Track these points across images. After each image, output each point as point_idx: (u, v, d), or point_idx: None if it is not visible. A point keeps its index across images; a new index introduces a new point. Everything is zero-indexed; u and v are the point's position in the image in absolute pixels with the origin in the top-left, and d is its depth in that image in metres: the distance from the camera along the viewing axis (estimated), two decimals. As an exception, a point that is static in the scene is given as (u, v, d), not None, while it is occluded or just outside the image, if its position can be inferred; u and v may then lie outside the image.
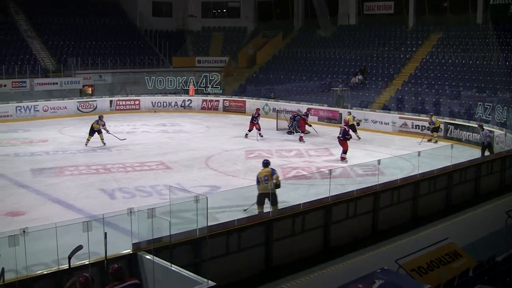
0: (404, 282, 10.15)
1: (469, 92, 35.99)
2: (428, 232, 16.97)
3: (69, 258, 10.62)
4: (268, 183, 16.59)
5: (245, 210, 17.22)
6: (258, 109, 34.00)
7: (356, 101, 39.93)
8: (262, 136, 32.46)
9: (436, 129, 31.90)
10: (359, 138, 32.42)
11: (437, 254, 12.23)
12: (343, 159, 26.88)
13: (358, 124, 33.50)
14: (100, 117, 30.48)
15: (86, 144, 29.80)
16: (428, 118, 32.31)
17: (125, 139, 30.43)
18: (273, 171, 16.95)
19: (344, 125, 28.84)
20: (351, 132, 29.23)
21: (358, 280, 9.75)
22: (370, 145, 30.79)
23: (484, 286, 8.42)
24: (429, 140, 31.70)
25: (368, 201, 16.90)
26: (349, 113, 33.96)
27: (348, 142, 27.20)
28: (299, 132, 33.41)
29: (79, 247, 10.51)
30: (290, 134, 34.17)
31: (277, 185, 16.54)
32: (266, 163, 17.39)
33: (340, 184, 18.78)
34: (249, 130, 32.94)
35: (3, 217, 17.96)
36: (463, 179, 20.64)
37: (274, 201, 16.28)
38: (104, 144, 29.88)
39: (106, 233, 10.77)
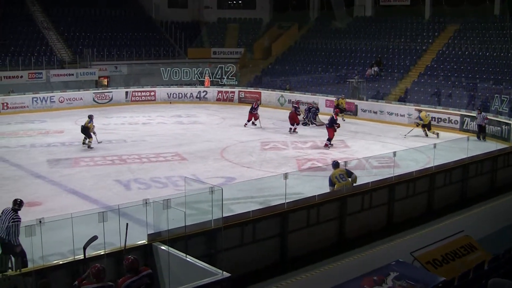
0: (419, 274, 10.13)
1: (486, 84, 35.76)
2: (444, 225, 16.92)
3: (84, 248, 10.68)
4: (345, 181, 16.38)
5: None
6: (257, 100, 34.62)
7: (372, 93, 39.79)
8: (255, 125, 33.45)
9: (427, 126, 30.90)
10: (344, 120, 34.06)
11: (452, 246, 12.19)
12: (326, 145, 27.59)
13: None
14: (91, 117, 28.25)
15: (89, 147, 27.39)
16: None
17: (101, 142, 28.45)
18: (348, 172, 16.73)
19: (335, 111, 30.76)
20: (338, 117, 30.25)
21: (372, 272, 9.75)
22: (386, 137, 30.68)
23: (499, 279, 8.36)
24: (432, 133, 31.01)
25: (383, 193, 16.86)
26: (343, 97, 35.76)
27: (338, 130, 28.50)
28: (315, 123, 33.39)
29: (94, 238, 10.57)
30: (305, 125, 34.10)
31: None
32: (335, 164, 17.14)
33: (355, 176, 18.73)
34: (248, 120, 33.48)
35: (20, 208, 18.07)
36: (479, 171, 20.53)
37: None
38: (91, 148, 27.50)
39: (127, 224, 10.80)
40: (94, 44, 48.98)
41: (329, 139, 27.79)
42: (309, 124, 34.09)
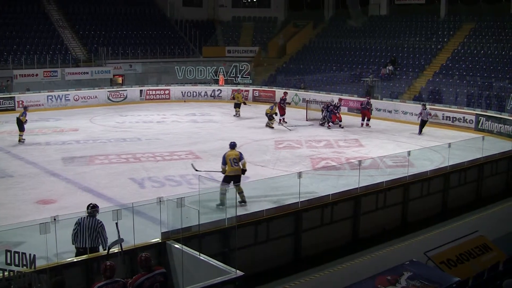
0: (433, 274, 10.10)
1: (501, 84, 35.54)
2: (458, 225, 16.85)
3: (109, 248, 10.75)
4: (237, 166, 17.62)
5: (196, 169, 19.16)
6: (285, 93, 36.23)
7: (387, 92, 39.68)
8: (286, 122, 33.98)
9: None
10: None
11: (466, 247, 12.15)
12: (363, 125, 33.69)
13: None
14: (26, 109, 28.46)
15: (21, 141, 27.82)
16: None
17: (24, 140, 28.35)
18: (241, 156, 17.91)
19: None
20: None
21: (386, 271, 9.74)
22: (400, 136, 30.58)
23: (514, 280, 8.33)
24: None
25: (397, 192, 16.82)
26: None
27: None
28: (331, 122, 33.29)
29: (120, 240, 10.62)
30: (322, 125, 33.93)
31: (244, 171, 17.79)
32: (233, 145, 18.36)
33: (370, 175, 18.69)
34: (282, 115, 33.88)
35: (35, 205, 18.18)
36: (494, 171, 20.44)
37: (238, 180, 17.61)
38: (23, 141, 28.02)
39: (117, 222, 10.79)
40: (109, 43, 49.16)
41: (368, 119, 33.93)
42: (326, 124, 33.78)
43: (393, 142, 28.94)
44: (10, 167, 23.17)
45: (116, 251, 10.97)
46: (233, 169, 17.74)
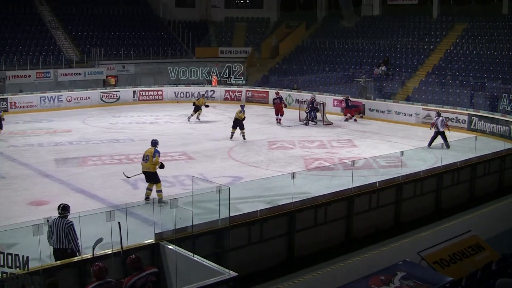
0: (426, 274, 10.13)
1: (494, 84, 35.64)
2: (451, 224, 16.91)
3: (93, 248, 10.75)
4: (146, 163, 18.29)
5: (127, 176, 19.67)
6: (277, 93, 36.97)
7: (380, 92, 39.73)
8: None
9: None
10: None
11: (460, 246, 12.18)
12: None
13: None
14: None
15: None
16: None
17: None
18: (155, 152, 18.41)
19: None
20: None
21: (380, 271, 9.76)
22: (393, 137, 30.63)
23: (507, 279, 8.34)
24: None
25: (390, 192, 16.87)
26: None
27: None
28: (315, 122, 33.71)
29: (100, 240, 10.62)
30: (306, 125, 34.29)
31: (161, 166, 18.42)
32: (154, 143, 18.89)
33: (363, 175, 18.72)
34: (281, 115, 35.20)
35: (27, 206, 18.13)
36: (487, 171, 20.54)
37: (155, 180, 18.31)
38: None
39: (120, 222, 10.81)
40: (102, 44, 49.07)
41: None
42: (309, 123, 34.49)
43: (386, 142, 28.99)
44: (2, 168, 23.11)
45: (109, 252, 10.97)
46: (143, 165, 18.54)
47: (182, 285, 10.06)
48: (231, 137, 29.13)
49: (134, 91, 44.44)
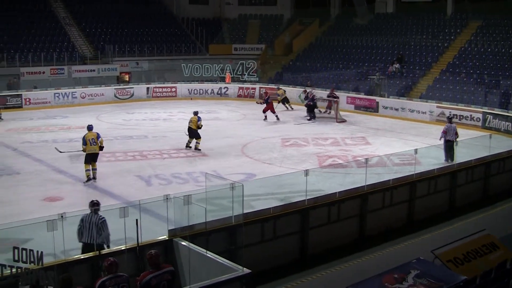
0: (440, 272, 10.07)
1: (509, 81, 35.43)
2: (465, 223, 16.84)
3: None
4: (95, 145, 20.72)
5: (60, 151, 23.21)
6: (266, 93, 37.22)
7: (393, 90, 39.59)
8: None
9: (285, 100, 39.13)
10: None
11: (473, 245, 12.11)
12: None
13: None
14: None
15: None
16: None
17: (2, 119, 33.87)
18: (98, 135, 20.98)
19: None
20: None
21: (393, 269, 9.72)
22: (407, 134, 30.52)
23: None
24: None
25: (404, 190, 16.82)
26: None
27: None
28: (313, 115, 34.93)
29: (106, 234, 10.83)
30: (310, 120, 34.77)
31: (101, 148, 21.10)
32: (90, 128, 21.23)
33: (376, 173, 18.69)
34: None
35: (42, 202, 18.22)
36: (501, 169, 20.40)
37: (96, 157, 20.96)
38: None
39: (137, 219, 10.84)
40: (116, 40, 49.23)
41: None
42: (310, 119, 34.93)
43: (400, 140, 28.89)
44: (17, 164, 23.24)
45: (123, 248, 11.01)
46: (92, 148, 20.68)
47: (195, 282, 10.06)
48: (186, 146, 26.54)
49: (147, 88, 44.55)
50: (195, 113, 26.72)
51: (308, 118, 34.71)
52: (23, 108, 38.34)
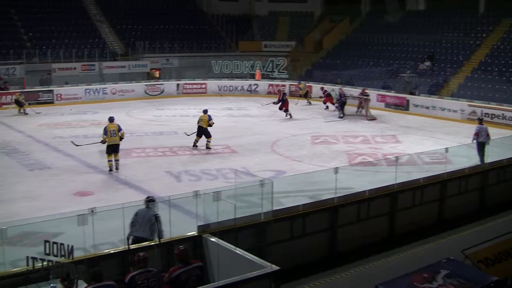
0: (470, 273, 9.98)
1: (542, 80, 35.03)
2: (496, 223, 16.64)
3: (127, 238, 10.90)
4: (115, 136, 21.58)
5: (76, 145, 23.78)
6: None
7: (424, 88, 39.29)
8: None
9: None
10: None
11: (505, 245, 11.97)
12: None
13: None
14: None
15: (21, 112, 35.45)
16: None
17: (39, 112, 35.08)
18: (119, 127, 21.86)
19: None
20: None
21: (422, 269, 9.66)
22: (438, 133, 30.28)
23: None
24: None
25: (434, 189, 16.68)
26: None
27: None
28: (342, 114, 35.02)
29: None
30: (341, 118, 34.78)
31: (121, 139, 21.81)
32: (112, 119, 22.29)
33: (406, 171, 18.54)
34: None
35: (72, 197, 18.41)
36: (535, 169, 20.13)
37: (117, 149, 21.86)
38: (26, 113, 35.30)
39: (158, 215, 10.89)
40: (146, 37, 49.52)
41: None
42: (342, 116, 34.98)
43: (431, 139, 28.66)
44: (48, 159, 23.52)
45: (153, 243, 11.07)
46: (112, 139, 21.54)
47: (224, 278, 10.08)
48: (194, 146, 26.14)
49: (177, 84, 44.77)
50: (205, 112, 26.47)
51: (340, 115, 34.60)
52: (55, 104, 38.74)
